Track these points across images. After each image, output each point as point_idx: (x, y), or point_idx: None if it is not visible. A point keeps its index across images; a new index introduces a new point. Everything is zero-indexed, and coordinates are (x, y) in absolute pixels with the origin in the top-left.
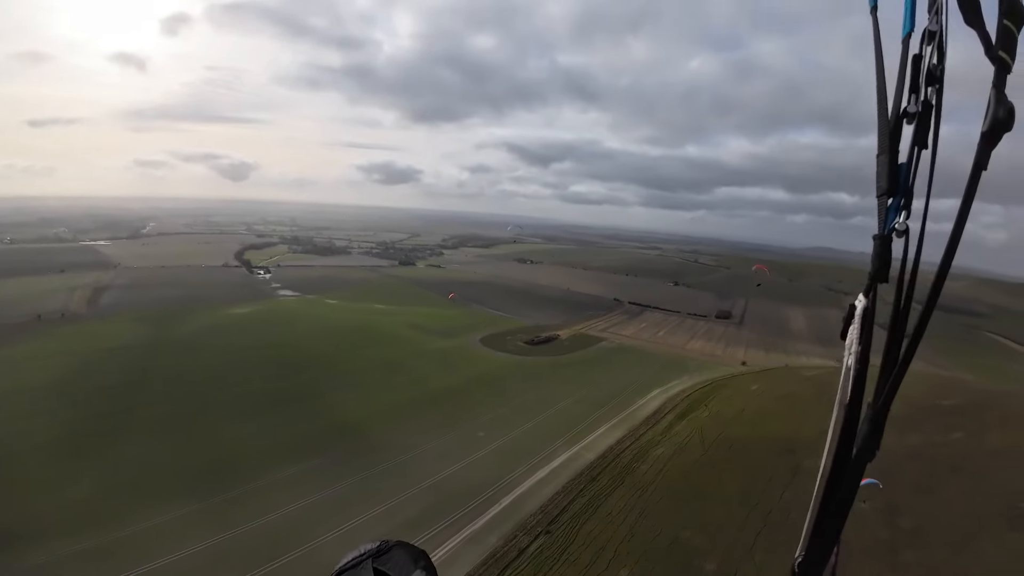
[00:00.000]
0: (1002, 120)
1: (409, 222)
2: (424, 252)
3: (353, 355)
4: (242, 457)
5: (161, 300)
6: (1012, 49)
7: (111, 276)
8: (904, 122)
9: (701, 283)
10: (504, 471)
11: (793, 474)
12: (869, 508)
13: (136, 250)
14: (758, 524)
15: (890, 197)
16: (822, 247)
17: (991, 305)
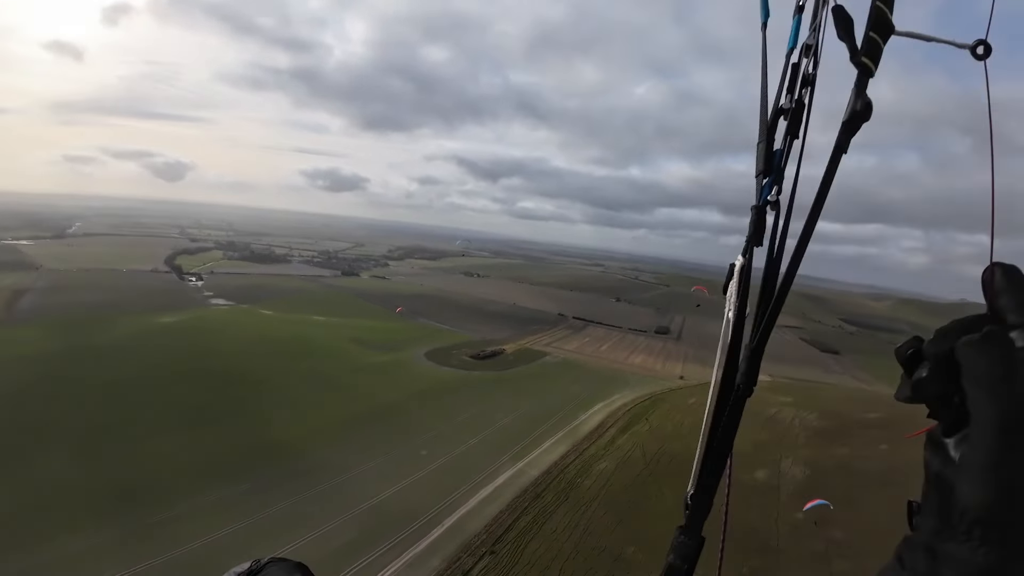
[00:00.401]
0: (860, 112)
1: (353, 231)
2: (368, 263)
3: (288, 369)
4: (164, 478)
5: (84, 305)
6: (876, 57)
7: (32, 278)
8: (781, 117)
9: (642, 299)
10: (447, 490)
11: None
12: (802, 519)
13: (60, 251)
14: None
15: (765, 177)
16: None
17: (912, 324)
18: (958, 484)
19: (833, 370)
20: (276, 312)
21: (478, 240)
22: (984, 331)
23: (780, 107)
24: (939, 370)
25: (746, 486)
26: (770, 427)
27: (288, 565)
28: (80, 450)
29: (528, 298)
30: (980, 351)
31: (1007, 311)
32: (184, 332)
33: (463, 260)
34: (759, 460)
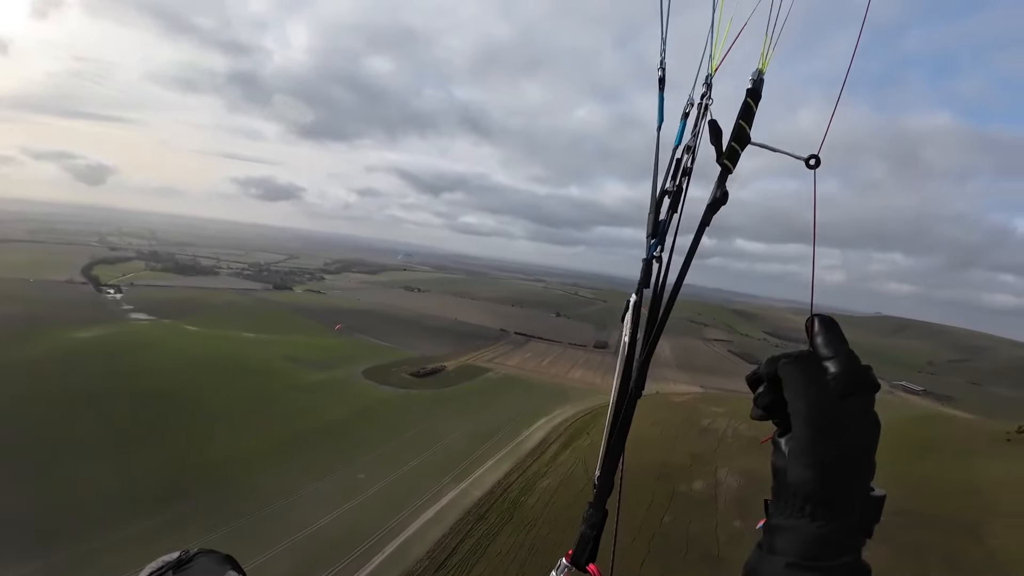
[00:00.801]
0: (719, 199)
1: (288, 243)
2: (303, 276)
3: (216, 389)
4: (84, 509)
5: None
6: (734, 160)
7: None
8: (665, 196)
9: (581, 314)
10: (388, 514)
11: (670, 499)
12: (740, 527)
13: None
14: (643, 551)
15: (652, 238)
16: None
17: None
18: (788, 471)
19: None
20: (202, 328)
21: (419, 254)
22: (796, 353)
23: (666, 189)
24: (769, 386)
25: (685, 498)
26: (704, 438)
27: (218, 557)
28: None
29: (470, 313)
30: (793, 366)
31: (821, 348)
32: (102, 349)
33: (403, 274)
34: (696, 471)
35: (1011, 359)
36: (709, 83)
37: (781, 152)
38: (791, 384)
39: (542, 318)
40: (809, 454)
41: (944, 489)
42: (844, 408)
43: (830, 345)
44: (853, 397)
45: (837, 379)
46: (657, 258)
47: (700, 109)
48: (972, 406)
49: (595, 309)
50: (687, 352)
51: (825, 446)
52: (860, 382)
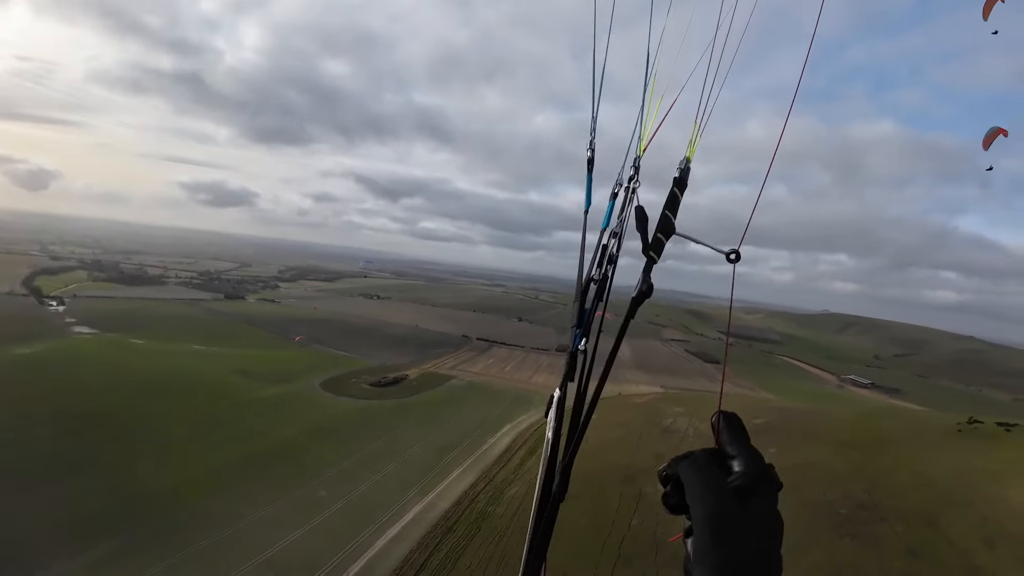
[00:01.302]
0: (644, 292)
1: (239, 250)
2: (256, 284)
3: (164, 408)
4: (18, 542)
5: None
6: (659, 250)
7: None
8: (592, 283)
9: (542, 319)
10: (351, 534)
11: (637, 501)
12: None
13: None
14: (613, 555)
15: (577, 328)
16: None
17: (782, 333)
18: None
19: (717, 379)
20: (149, 341)
21: (378, 260)
22: (693, 455)
23: (592, 276)
24: (674, 487)
25: (651, 499)
26: (667, 438)
27: None
28: None
29: (431, 320)
30: (689, 468)
31: (725, 445)
32: (43, 366)
33: (362, 281)
34: None
35: (953, 351)
36: (637, 166)
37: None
38: (690, 488)
39: (504, 323)
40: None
41: (901, 482)
42: (745, 511)
43: (733, 443)
44: (756, 498)
45: (739, 479)
46: (582, 351)
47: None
48: (920, 398)
49: (556, 313)
50: (646, 353)
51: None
52: (761, 482)
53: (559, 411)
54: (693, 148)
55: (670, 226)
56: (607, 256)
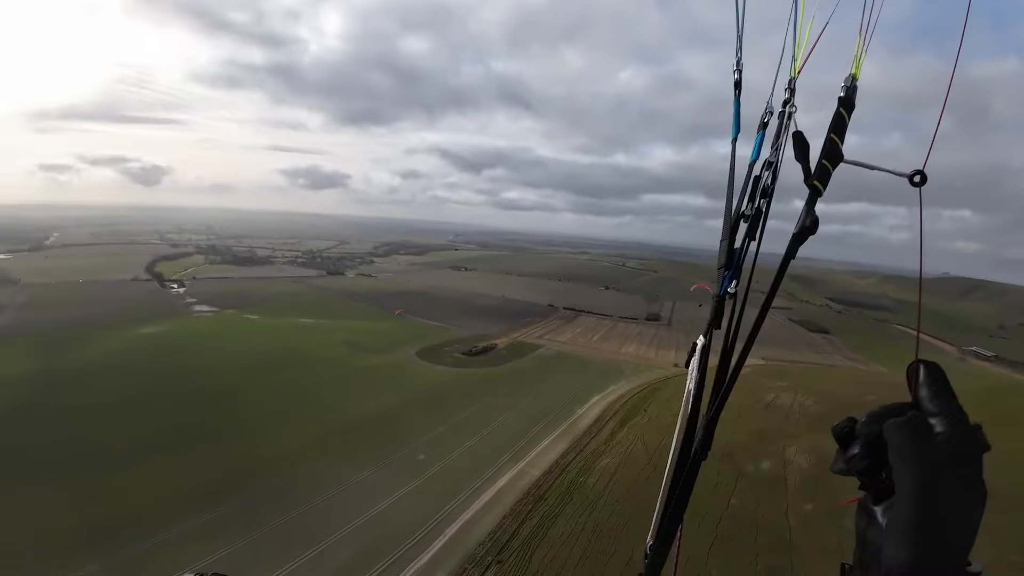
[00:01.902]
0: (808, 227)
1: (337, 229)
2: (354, 261)
3: (276, 378)
4: (144, 507)
5: (64, 321)
6: (824, 180)
7: (10, 294)
8: (741, 220)
9: (630, 287)
10: (446, 498)
11: (736, 479)
12: (811, 510)
13: (39, 264)
14: (709, 536)
15: (726, 270)
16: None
17: (897, 300)
18: (884, 546)
19: (824, 350)
20: (262, 316)
21: (465, 233)
22: (907, 415)
23: (742, 212)
24: (868, 447)
25: (751, 478)
26: (769, 414)
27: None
28: (57, 482)
29: (517, 290)
30: (903, 431)
31: (925, 401)
32: (166, 344)
33: (450, 254)
34: (762, 450)
35: None
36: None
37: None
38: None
39: (590, 292)
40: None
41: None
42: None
43: (937, 400)
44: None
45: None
46: (731, 295)
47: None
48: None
49: (645, 280)
50: (745, 321)
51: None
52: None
53: (703, 360)
54: (859, 64)
55: (837, 152)
56: (760, 189)
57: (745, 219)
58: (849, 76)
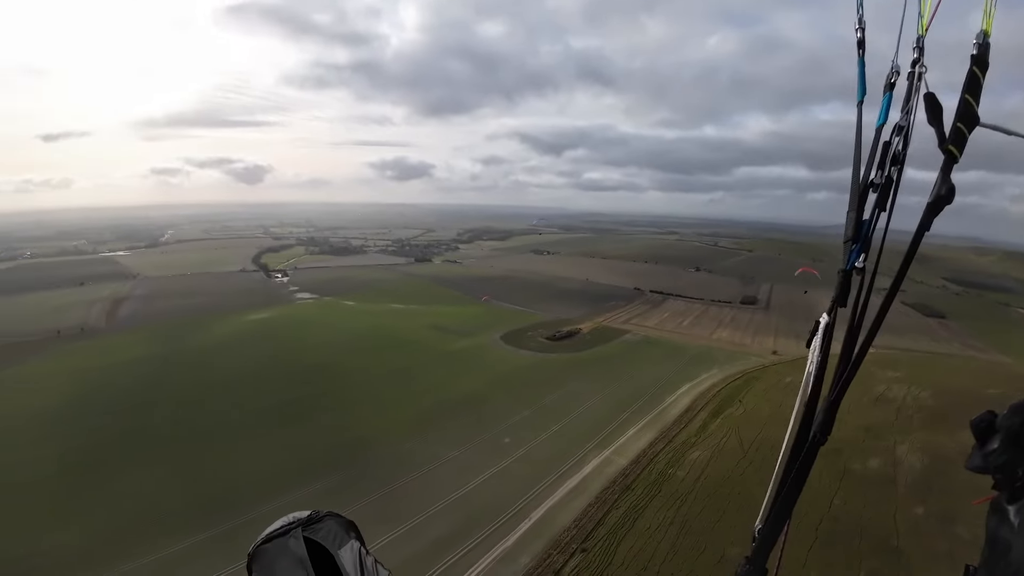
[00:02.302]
0: (944, 196)
1: (423, 217)
2: (440, 247)
3: (370, 360)
4: (251, 479)
5: (178, 310)
6: (960, 145)
7: (130, 287)
8: (870, 190)
9: (723, 268)
10: (532, 481)
11: (840, 478)
12: (922, 514)
13: (155, 259)
14: (809, 537)
15: (854, 243)
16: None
17: (1020, 280)
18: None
19: (941, 337)
20: (357, 303)
21: (546, 216)
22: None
23: (871, 180)
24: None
25: (857, 476)
26: (880, 407)
27: (343, 522)
28: (173, 457)
29: (601, 273)
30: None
31: None
32: (273, 329)
33: (532, 238)
34: (870, 446)
35: None
36: (920, 46)
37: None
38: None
39: (679, 274)
40: None
41: None
42: None
43: None
44: None
45: None
46: (859, 270)
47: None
48: None
49: (739, 260)
50: None
51: None
52: None
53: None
54: (990, 19)
55: (973, 115)
56: (889, 155)
57: (874, 188)
58: (980, 33)
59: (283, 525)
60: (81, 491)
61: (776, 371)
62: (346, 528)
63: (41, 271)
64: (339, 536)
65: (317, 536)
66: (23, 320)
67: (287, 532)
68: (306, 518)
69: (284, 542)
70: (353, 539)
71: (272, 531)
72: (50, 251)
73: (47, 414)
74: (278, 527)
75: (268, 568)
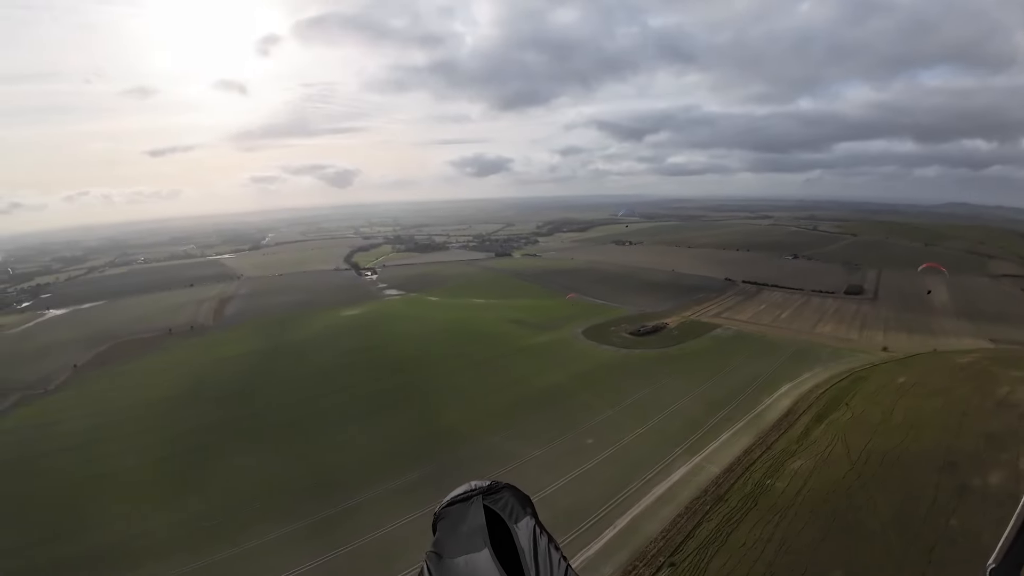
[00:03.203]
0: None
1: (502, 212)
2: (519, 241)
3: (454, 354)
4: (346, 469)
5: (278, 307)
6: None
7: (235, 287)
8: None
9: (824, 254)
10: (617, 486)
11: (959, 495)
12: None
13: (257, 260)
14: (921, 562)
15: None
16: (957, 202)
17: None
18: None
19: None
20: (441, 298)
21: (627, 204)
22: None
23: None
24: None
25: (977, 494)
26: (1002, 413)
27: (522, 496)
28: (273, 444)
29: (688, 263)
30: None
31: None
32: (364, 324)
33: (613, 228)
34: (992, 459)
35: None
36: None
37: None
38: None
39: (774, 262)
40: None
41: None
42: None
43: None
44: None
45: None
46: None
47: None
48: None
49: (842, 245)
50: (968, 294)
51: None
52: None
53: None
54: None
55: None
56: None
57: None
58: None
59: (466, 491)
60: (191, 471)
61: (887, 370)
62: (523, 503)
63: (154, 274)
64: (516, 510)
65: (496, 506)
66: (139, 320)
67: (469, 498)
68: (487, 487)
69: (466, 508)
70: (529, 515)
71: (456, 495)
72: (161, 256)
73: (161, 404)
74: (461, 492)
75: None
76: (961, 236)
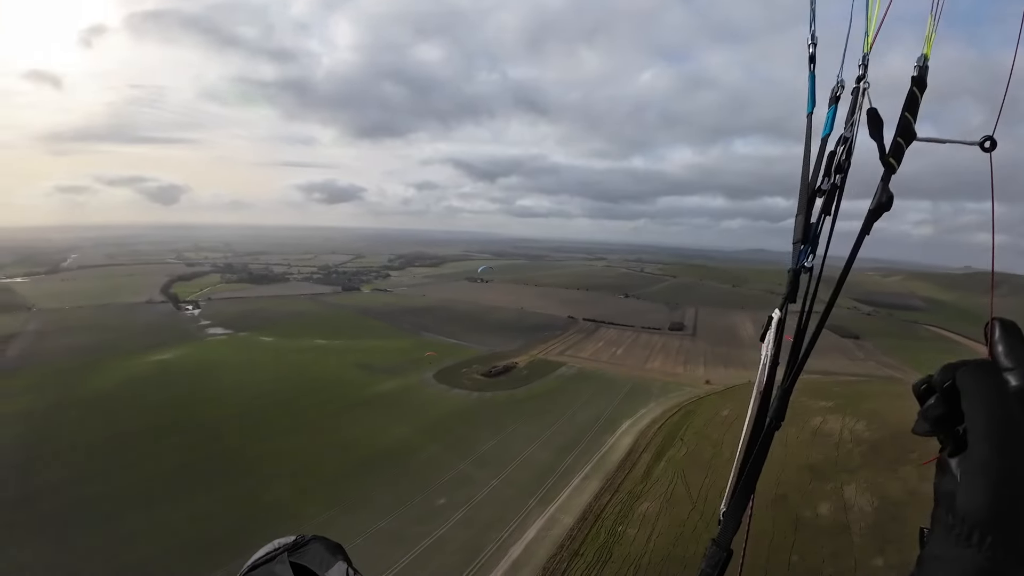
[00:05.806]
0: (884, 203)
1: (352, 243)
2: (369, 275)
3: (287, 410)
4: (150, 565)
5: (73, 349)
6: (899, 157)
7: (23, 320)
8: (816, 195)
9: (650, 293)
10: (472, 552)
11: (794, 529)
12: (882, 566)
13: (55, 287)
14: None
15: (802, 244)
16: (756, 248)
17: (925, 298)
18: (960, 494)
19: (857, 357)
20: (277, 339)
21: (478, 242)
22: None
23: (819, 186)
24: (943, 397)
25: (811, 527)
26: (819, 443)
27: (330, 544)
28: (52, 533)
29: (535, 301)
30: (975, 375)
31: (1001, 356)
32: (180, 372)
33: (465, 264)
34: (818, 490)
35: None
36: (865, 63)
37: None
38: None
39: (609, 300)
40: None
41: None
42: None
43: (1012, 354)
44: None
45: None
46: (807, 269)
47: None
48: None
49: (664, 286)
50: None
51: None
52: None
53: (778, 333)
54: (930, 44)
55: (910, 130)
56: (834, 164)
57: (820, 194)
58: (921, 56)
59: (268, 552)
60: None
61: (711, 403)
62: (332, 550)
63: None
64: (325, 559)
65: (303, 560)
66: None
67: (273, 558)
68: (291, 543)
69: (271, 568)
70: (340, 560)
71: (258, 558)
72: None
73: None
74: (263, 554)
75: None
76: (761, 278)
